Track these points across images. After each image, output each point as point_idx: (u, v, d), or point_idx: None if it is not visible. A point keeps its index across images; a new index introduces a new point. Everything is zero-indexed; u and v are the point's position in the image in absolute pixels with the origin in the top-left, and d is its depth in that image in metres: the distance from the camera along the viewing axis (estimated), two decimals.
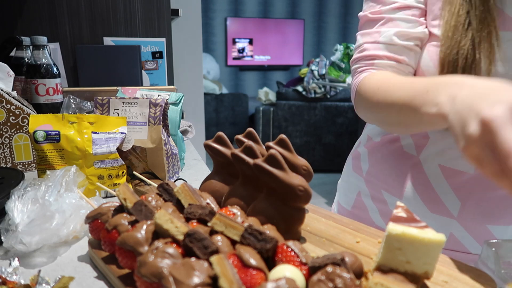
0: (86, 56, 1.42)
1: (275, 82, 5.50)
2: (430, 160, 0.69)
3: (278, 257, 0.39)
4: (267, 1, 5.77)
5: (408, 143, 0.72)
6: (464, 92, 0.44)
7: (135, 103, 0.83)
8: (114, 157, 0.75)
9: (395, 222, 0.38)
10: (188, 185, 0.51)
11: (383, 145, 0.76)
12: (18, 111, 0.87)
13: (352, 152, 0.86)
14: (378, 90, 0.61)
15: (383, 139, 0.77)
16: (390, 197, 0.75)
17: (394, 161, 0.74)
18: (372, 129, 0.81)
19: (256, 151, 0.50)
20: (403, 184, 0.72)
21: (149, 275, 0.37)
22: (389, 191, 0.75)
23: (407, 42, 0.65)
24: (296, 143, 3.69)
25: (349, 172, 0.85)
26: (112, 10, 1.49)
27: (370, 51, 0.66)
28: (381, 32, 0.65)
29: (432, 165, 0.68)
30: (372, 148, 0.79)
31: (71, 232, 0.55)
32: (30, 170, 0.90)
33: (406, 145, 0.72)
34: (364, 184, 0.80)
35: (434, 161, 0.68)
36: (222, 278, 0.34)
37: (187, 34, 2.27)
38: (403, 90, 0.56)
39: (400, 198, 0.73)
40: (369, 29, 0.68)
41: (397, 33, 0.64)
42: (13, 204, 0.53)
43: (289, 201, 0.46)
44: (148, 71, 1.55)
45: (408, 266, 0.38)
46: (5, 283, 0.42)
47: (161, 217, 0.42)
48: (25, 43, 1.12)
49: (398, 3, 0.65)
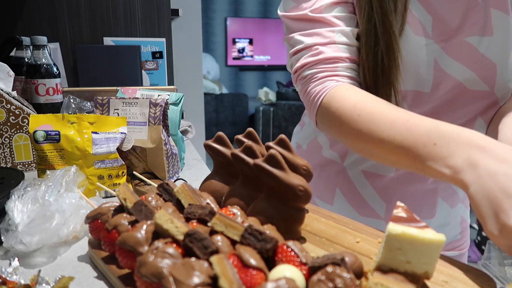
0: (86, 56, 1.42)
1: (275, 82, 5.51)
2: (354, 167, 0.72)
3: (278, 257, 0.39)
4: (267, 1, 5.77)
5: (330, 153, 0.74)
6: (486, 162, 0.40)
7: (135, 103, 0.83)
8: (114, 157, 0.75)
9: (395, 222, 0.38)
10: (188, 185, 0.51)
11: (309, 153, 0.79)
12: (18, 111, 0.87)
13: None
14: (359, 117, 0.53)
15: (309, 147, 0.79)
16: (322, 203, 0.77)
17: (321, 168, 0.76)
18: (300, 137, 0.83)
19: (256, 151, 0.50)
20: (332, 191, 0.75)
21: (149, 275, 0.37)
22: (321, 197, 0.78)
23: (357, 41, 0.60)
24: None
25: None
26: (112, 10, 1.49)
27: (330, 54, 0.58)
28: (335, 31, 0.58)
29: (356, 172, 0.72)
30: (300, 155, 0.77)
31: (71, 232, 0.55)
32: (30, 170, 0.90)
33: (329, 154, 0.75)
34: None
35: (357, 167, 0.71)
36: (222, 278, 0.34)
37: (187, 34, 2.27)
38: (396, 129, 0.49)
39: (331, 204, 0.76)
40: (314, 29, 0.59)
41: (352, 32, 0.59)
42: (13, 204, 0.53)
43: (289, 201, 0.46)
44: (148, 71, 1.55)
45: (408, 266, 0.38)
46: (5, 283, 0.42)
47: (161, 217, 0.42)
48: (25, 43, 1.12)
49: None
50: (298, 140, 0.83)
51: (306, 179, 0.49)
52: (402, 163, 0.50)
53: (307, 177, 0.52)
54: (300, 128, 0.85)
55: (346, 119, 0.54)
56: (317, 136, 0.77)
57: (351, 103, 0.54)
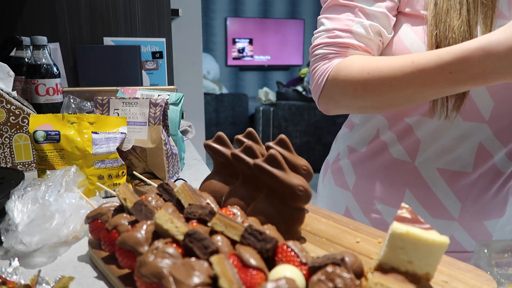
0: (86, 56, 1.42)
1: (275, 82, 5.50)
2: (427, 165, 0.67)
3: (278, 257, 0.39)
4: (267, 1, 5.77)
5: (398, 149, 0.70)
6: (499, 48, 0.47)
7: (135, 103, 0.83)
8: (114, 157, 0.75)
9: (400, 222, 0.38)
10: (188, 185, 0.51)
11: (371, 155, 0.73)
12: (18, 111, 0.87)
13: (331, 167, 0.82)
14: (369, 75, 0.58)
15: (370, 148, 0.74)
16: (385, 208, 0.72)
17: (387, 170, 0.71)
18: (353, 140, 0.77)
19: (256, 151, 0.50)
20: (400, 192, 0.70)
21: (149, 275, 0.37)
22: (384, 201, 0.72)
23: (377, 37, 0.63)
24: (296, 143, 3.69)
25: (331, 187, 0.81)
26: (112, 10, 1.49)
27: (344, 39, 0.63)
28: (354, 21, 0.62)
29: (430, 170, 0.67)
30: (357, 159, 0.76)
31: (71, 232, 0.55)
32: (30, 170, 0.90)
33: (396, 152, 0.70)
34: (353, 198, 0.76)
35: (431, 165, 0.67)
36: (222, 278, 0.34)
37: (187, 34, 2.27)
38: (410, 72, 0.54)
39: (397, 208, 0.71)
40: (338, 15, 0.64)
41: (371, 26, 0.62)
42: (13, 204, 0.52)
43: (289, 201, 0.46)
44: (148, 71, 1.55)
45: (409, 266, 0.38)
46: (5, 283, 0.42)
47: (161, 217, 0.42)
48: (25, 43, 1.12)
49: None
50: (350, 143, 0.78)
51: (306, 179, 0.49)
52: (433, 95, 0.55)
53: (307, 177, 0.52)
54: (348, 131, 0.80)
55: (358, 81, 0.59)
56: (379, 133, 0.72)
57: (358, 67, 0.59)
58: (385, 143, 0.71)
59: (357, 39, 0.62)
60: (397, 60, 0.56)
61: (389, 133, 0.70)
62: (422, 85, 0.54)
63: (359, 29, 0.62)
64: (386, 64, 0.57)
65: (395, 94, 0.57)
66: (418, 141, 0.67)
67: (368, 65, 0.59)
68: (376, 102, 0.61)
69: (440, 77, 0.52)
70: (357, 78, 0.59)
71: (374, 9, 0.62)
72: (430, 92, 0.55)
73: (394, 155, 0.70)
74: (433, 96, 0.56)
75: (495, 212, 0.67)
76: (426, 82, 0.53)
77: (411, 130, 0.68)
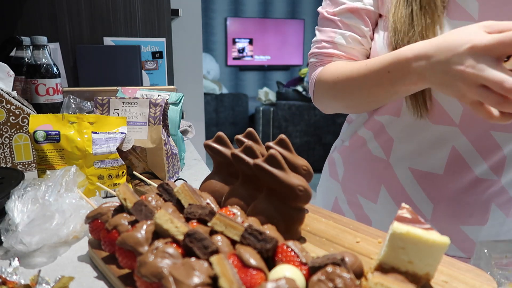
0: (86, 56, 1.42)
1: (275, 82, 5.50)
2: (400, 163, 0.70)
3: (278, 257, 0.39)
4: (267, 1, 5.77)
5: (375, 146, 0.73)
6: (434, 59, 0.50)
7: (135, 103, 0.83)
8: (114, 157, 0.75)
9: (400, 222, 0.38)
10: (188, 185, 0.51)
11: (353, 149, 0.77)
12: (18, 111, 0.87)
13: (328, 158, 0.87)
14: (337, 79, 0.66)
15: (351, 142, 0.78)
16: (365, 201, 0.75)
17: (367, 165, 0.75)
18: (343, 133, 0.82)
19: (256, 151, 0.50)
20: (376, 188, 0.73)
21: (149, 275, 0.37)
22: (364, 195, 0.75)
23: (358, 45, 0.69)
24: (296, 143, 3.69)
25: (326, 178, 0.86)
26: (112, 10, 1.49)
27: (328, 50, 0.70)
28: (337, 32, 0.69)
29: (403, 168, 0.70)
30: (344, 152, 0.80)
31: (71, 232, 0.55)
32: (30, 170, 0.90)
33: (373, 148, 0.73)
34: (341, 189, 0.80)
35: (404, 164, 0.69)
36: (222, 278, 0.34)
37: (187, 34, 2.27)
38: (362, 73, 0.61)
39: (375, 202, 0.74)
40: (324, 27, 0.72)
41: (350, 36, 0.68)
42: (13, 204, 0.52)
43: (289, 201, 0.46)
44: (148, 71, 1.55)
45: (410, 266, 0.38)
46: (5, 283, 0.42)
47: (161, 217, 0.42)
48: (25, 43, 1.12)
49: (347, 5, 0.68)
50: (342, 136, 0.83)
51: (306, 179, 0.49)
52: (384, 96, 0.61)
53: (307, 177, 0.52)
54: (347, 125, 0.84)
55: (330, 84, 0.68)
56: (358, 129, 0.76)
57: (331, 72, 0.68)
58: (363, 139, 0.75)
59: (339, 49, 0.70)
60: (359, 64, 0.63)
61: (365, 130, 0.75)
62: (371, 86, 0.60)
63: (340, 40, 0.69)
64: (350, 68, 0.64)
65: (357, 94, 0.64)
66: (391, 139, 0.70)
67: (338, 70, 0.66)
68: (347, 103, 0.69)
69: (382, 77, 0.58)
70: (329, 82, 0.68)
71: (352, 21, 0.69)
72: (378, 93, 0.60)
73: (372, 151, 0.74)
74: (383, 97, 0.61)
75: (473, 218, 0.67)
76: (373, 83, 0.60)
77: (384, 128, 0.71)
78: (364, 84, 0.61)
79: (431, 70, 0.51)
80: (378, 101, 0.64)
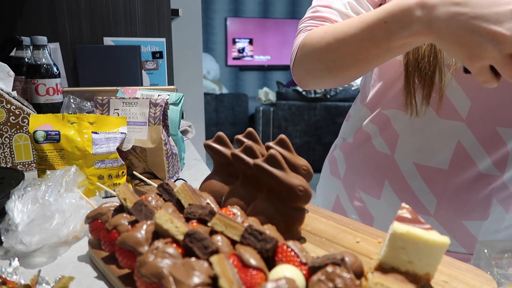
0: (86, 56, 1.42)
1: (275, 82, 5.50)
2: (405, 158, 0.69)
3: (278, 257, 0.39)
4: (267, 1, 5.77)
5: (379, 142, 0.72)
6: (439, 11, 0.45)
7: (135, 103, 0.83)
8: (114, 157, 0.75)
9: (400, 222, 0.38)
10: (188, 185, 0.51)
11: (357, 146, 0.77)
12: (18, 111, 0.87)
13: (328, 157, 0.86)
14: (325, 34, 0.61)
15: (356, 139, 0.77)
16: (368, 198, 0.75)
17: (371, 161, 0.74)
18: (345, 131, 0.81)
19: (256, 151, 0.50)
20: (380, 184, 0.73)
21: (149, 275, 0.37)
22: (367, 191, 0.75)
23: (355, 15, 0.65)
24: (296, 143, 3.69)
25: (326, 176, 0.85)
26: (112, 10, 1.49)
27: (323, 13, 0.67)
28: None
29: (407, 164, 0.69)
30: (347, 150, 0.79)
31: (71, 232, 0.55)
32: (30, 170, 0.90)
33: (378, 144, 0.73)
34: (342, 186, 0.79)
35: (408, 159, 0.69)
36: (222, 278, 0.34)
37: (187, 34, 2.27)
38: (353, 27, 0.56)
39: (378, 198, 0.74)
40: None
41: (349, 3, 0.66)
42: (13, 204, 0.52)
43: (289, 201, 0.46)
44: (148, 71, 1.55)
45: (410, 266, 0.38)
46: (5, 283, 0.42)
47: (161, 217, 0.42)
48: (25, 43, 1.12)
49: None
50: (343, 134, 0.82)
51: (306, 179, 0.49)
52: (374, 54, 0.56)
53: (307, 177, 0.52)
54: (346, 123, 0.83)
55: (317, 40, 0.62)
56: (363, 125, 0.75)
57: (320, 29, 0.63)
58: (368, 134, 0.74)
59: (335, 14, 0.66)
60: (351, 18, 0.59)
61: (371, 125, 0.74)
62: (362, 39, 0.55)
63: (337, 5, 0.66)
64: (341, 23, 0.60)
65: (343, 51, 0.58)
66: (397, 134, 0.70)
67: (328, 26, 0.62)
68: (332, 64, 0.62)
69: (377, 28, 0.53)
70: (317, 38, 0.63)
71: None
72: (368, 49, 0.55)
73: (377, 148, 0.73)
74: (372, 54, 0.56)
75: (475, 213, 0.67)
76: (365, 35, 0.54)
77: (389, 122, 0.70)
78: (354, 38, 0.56)
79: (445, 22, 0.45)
80: (366, 60, 0.58)
